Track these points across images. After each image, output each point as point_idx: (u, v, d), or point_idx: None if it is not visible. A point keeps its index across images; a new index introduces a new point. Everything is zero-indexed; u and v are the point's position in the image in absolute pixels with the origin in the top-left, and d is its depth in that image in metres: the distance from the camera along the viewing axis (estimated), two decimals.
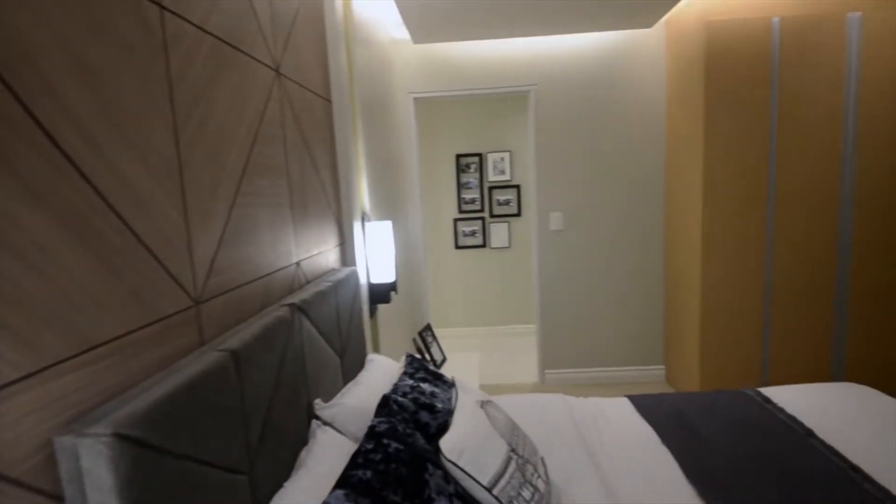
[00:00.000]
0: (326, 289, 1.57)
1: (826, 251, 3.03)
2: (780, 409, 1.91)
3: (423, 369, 1.68)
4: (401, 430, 1.26)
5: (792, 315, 3.08)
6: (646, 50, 3.45)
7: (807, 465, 1.55)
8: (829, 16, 2.85)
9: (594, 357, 3.77)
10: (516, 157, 4.77)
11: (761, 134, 2.94)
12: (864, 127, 2.92)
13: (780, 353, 3.10)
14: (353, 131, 2.06)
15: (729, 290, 3.07)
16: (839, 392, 2.07)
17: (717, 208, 3.00)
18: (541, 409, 2.00)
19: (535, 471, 1.34)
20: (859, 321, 3.07)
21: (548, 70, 3.47)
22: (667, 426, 1.83)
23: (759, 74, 2.89)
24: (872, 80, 2.88)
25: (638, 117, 3.52)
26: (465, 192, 4.82)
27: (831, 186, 2.98)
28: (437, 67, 3.50)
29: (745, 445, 1.67)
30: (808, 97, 2.91)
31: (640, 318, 3.72)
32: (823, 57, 2.88)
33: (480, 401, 1.49)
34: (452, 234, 4.88)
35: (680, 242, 3.36)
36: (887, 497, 1.38)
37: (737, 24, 2.84)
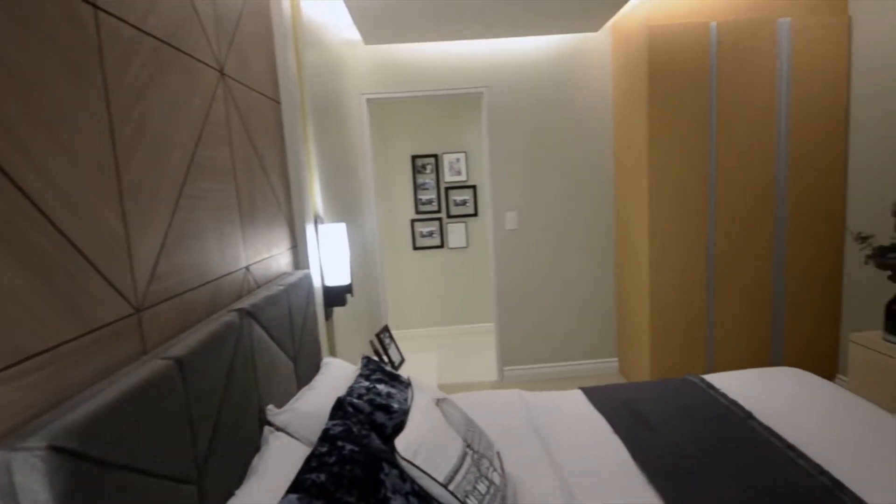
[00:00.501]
0: (278, 293, 1.55)
1: (764, 246, 3.19)
2: (723, 395, 2.01)
3: (379, 371, 1.68)
4: (356, 432, 1.26)
5: (734, 306, 3.23)
6: (593, 53, 3.55)
7: (749, 446, 1.64)
8: (761, 21, 3.01)
9: (551, 353, 3.86)
10: (472, 157, 4.82)
11: (702, 134, 3.07)
12: (795, 125, 3.10)
13: (724, 341, 3.26)
14: (303, 133, 2.04)
15: (676, 284, 3.19)
16: (776, 376, 2.19)
17: (662, 206, 3.12)
18: (497, 405, 2.03)
19: (491, 465, 1.36)
20: (795, 310, 3.25)
21: (499, 72, 3.53)
22: (618, 415, 1.89)
23: (699, 76, 3.02)
24: (802, 80, 3.06)
25: (587, 118, 3.62)
26: (421, 193, 4.83)
27: (767, 183, 3.14)
28: (389, 68, 3.49)
29: (690, 430, 1.75)
30: (744, 97, 3.06)
31: (593, 313, 3.83)
32: (757, 59, 3.03)
33: (436, 399, 1.50)
34: (410, 235, 4.89)
35: (629, 239, 3.47)
36: (821, 473, 1.48)
37: (677, 29, 2.96)
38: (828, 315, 3.28)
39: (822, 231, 3.20)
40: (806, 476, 1.46)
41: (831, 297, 3.26)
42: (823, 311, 3.27)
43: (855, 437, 1.66)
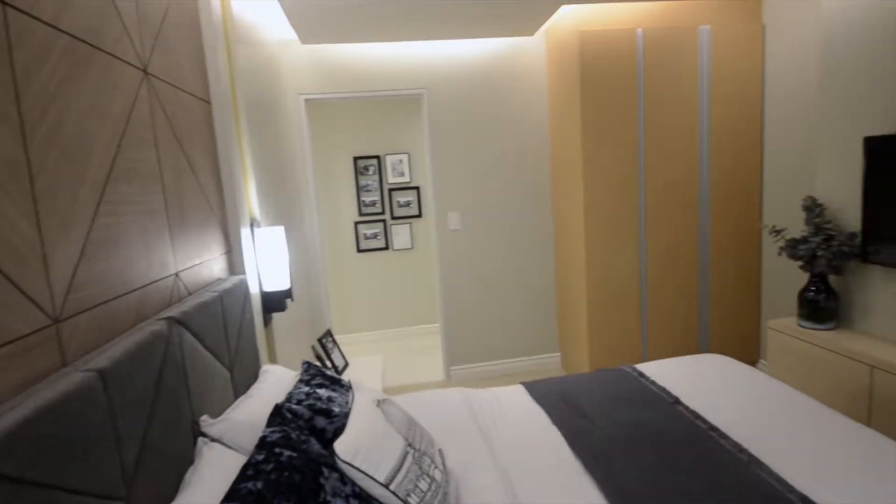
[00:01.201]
0: (211, 299, 1.51)
1: (689, 241, 3.39)
2: (653, 382, 2.12)
3: (320, 375, 1.67)
4: (294, 438, 1.25)
5: (664, 298, 3.41)
6: (529, 56, 3.65)
7: (674, 429, 1.74)
8: (684, 28, 3.19)
9: (497, 350, 3.93)
10: (415, 158, 4.83)
11: (631, 135, 3.22)
12: (715, 126, 3.30)
13: (657, 331, 3.43)
14: (237, 134, 1.99)
15: (611, 279, 3.33)
16: (702, 362, 2.33)
17: (596, 204, 3.25)
18: (441, 404, 2.06)
19: (433, 462, 1.38)
20: (719, 300, 3.47)
21: (439, 74, 3.56)
22: (556, 407, 1.96)
23: (627, 80, 3.17)
24: (721, 84, 3.27)
25: (525, 119, 3.72)
26: (364, 195, 4.79)
27: (691, 182, 3.33)
28: (328, 69, 3.46)
29: (622, 417, 1.84)
30: (669, 100, 3.23)
31: (536, 310, 3.93)
32: (681, 64, 3.21)
33: (377, 400, 1.50)
34: (354, 237, 4.84)
35: (567, 236, 3.59)
36: (740, 451, 1.59)
37: (606, 35, 3.09)
38: (749, 304, 3.51)
39: (741, 226, 3.43)
40: (727, 454, 1.57)
41: (751, 287, 3.50)
42: (745, 300, 3.50)
43: (770, 417, 1.79)
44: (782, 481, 1.40)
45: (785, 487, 1.37)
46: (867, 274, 2.56)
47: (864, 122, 2.49)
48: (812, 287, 2.69)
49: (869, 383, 2.31)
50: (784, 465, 1.49)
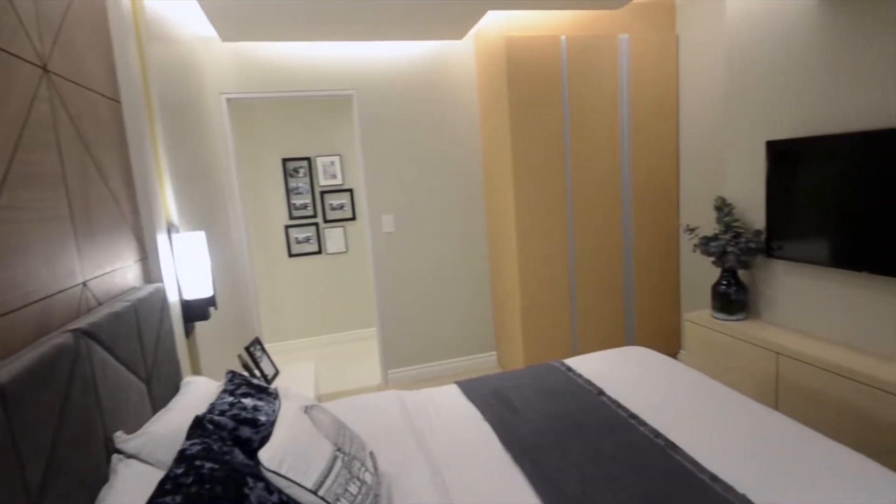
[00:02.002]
0: (123, 309, 1.43)
1: (614, 240, 3.55)
2: (579, 375, 2.21)
3: (245, 385, 1.62)
4: (217, 449, 1.21)
5: (592, 294, 3.55)
6: (459, 59, 3.70)
7: (599, 418, 1.82)
8: (604, 37, 3.34)
9: (434, 352, 3.95)
10: (347, 160, 4.77)
11: (558, 138, 3.34)
12: (635, 129, 3.48)
13: (586, 326, 3.57)
14: (151, 135, 1.89)
15: (542, 277, 3.44)
16: (624, 355, 2.45)
17: (526, 205, 3.34)
18: (374, 407, 2.05)
19: (363, 465, 1.37)
20: (642, 295, 3.66)
21: (369, 75, 3.54)
22: (488, 404, 2.00)
23: (553, 84, 3.28)
24: (639, 89, 3.45)
25: (456, 122, 3.76)
26: (295, 198, 4.68)
27: (614, 183, 3.49)
28: (252, 68, 3.35)
29: (551, 410, 1.90)
30: (592, 104, 3.37)
31: (472, 310, 3.98)
32: (602, 70, 3.36)
33: (305, 406, 1.48)
34: (284, 241, 4.72)
35: (500, 237, 3.67)
36: (657, 436, 1.68)
37: (532, 41, 3.19)
38: (669, 298, 3.72)
39: (661, 225, 3.63)
40: (646, 440, 1.66)
41: (671, 282, 3.71)
42: (665, 294, 3.71)
43: (685, 404, 1.91)
44: (695, 462, 1.50)
45: (697, 468, 1.47)
46: (772, 268, 2.79)
47: (766, 128, 2.71)
48: (723, 281, 2.89)
49: (775, 369, 2.51)
50: (696, 448, 1.59)
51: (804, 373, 2.35)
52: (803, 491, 1.35)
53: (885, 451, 2.02)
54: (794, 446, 1.56)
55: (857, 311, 2.33)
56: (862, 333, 2.32)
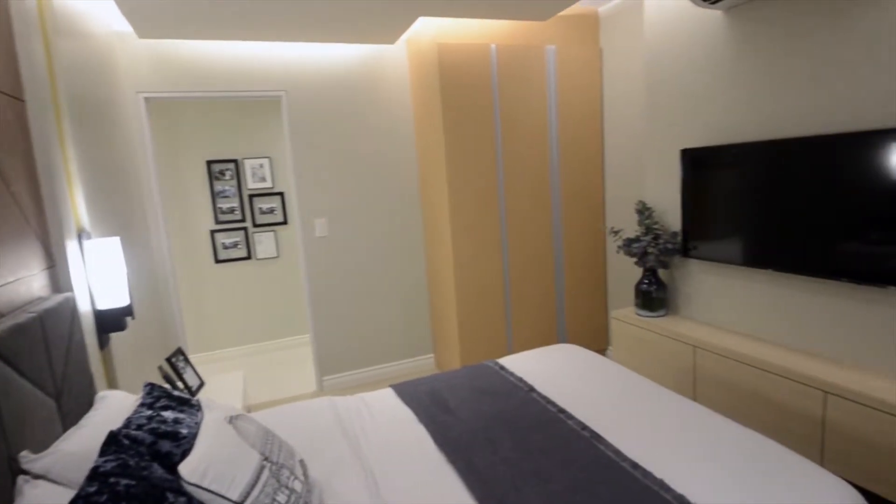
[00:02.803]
0: (27, 321, 1.33)
1: (545, 241, 3.66)
2: (512, 374, 2.26)
3: (165, 397, 1.54)
4: (133, 465, 1.14)
5: (526, 295, 3.65)
6: (393, 64, 3.70)
7: (530, 415, 1.87)
8: (532, 46, 3.45)
9: (371, 356, 3.91)
10: (277, 163, 4.65)
11: (490, 142, 3.41)
12: (563, 136, 3.61)
13: (520, 326, 3.66)
14: (59, 135, 1.77)
15: (477, 279, 3.49)
16: (554, 352, 2.53)
17: (461, 208, 3.39)
18: (306, 415, 2.01)
19: (292, 473, 1.34)
20: (573, 294, 3.79)
21: (299, 76, 3.47)
22: (422, 405, 2.01)
23: (484, 91, 3.35)
24: (566, 98, 3.58)
25: (391, 124, 3.76)
26: (221, 202, 4.50)
27: (544, 186, 3.61)
28: (173, 66, 3.20)
29: (484, 408, 1.94)
30: (522, 112, 3.47)
31: (410, 313, 3.98)
32: (531, 78, 3.47)
33: (230, 416, 1.43)
34: (211, 247, 4.52)
35: (436, 240, 3.69)
36: (583, 428, 1.76)
37: (463, 48, 3.24)
38: (597, 297, 3.89)
39: (588, 227, 3.79)
40: (573, 433, 1.72)
41: (599, 281, 3.88)
42: (594, 294, 3.87)
43: (610, 397, 2.00)
44: (617, 451, 1.58)
45: (619, 457, 1.55)
46: (688, 267, 2.97)
47: (681, 136, 2.90)
48: (645, 280, 3.06)
49: (693, 361, 2.67)
50: (619, 438, 1.68)
51: (718, 364, 2.52)
52: (715, 473, 1.45)
53: (790, 434, 2.20)
54: (707, 433, 1.67)
55: (763, 306, 2.54)
56: (768, 326, 2.52)
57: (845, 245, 2.07)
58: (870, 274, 1.99)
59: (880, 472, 1.87)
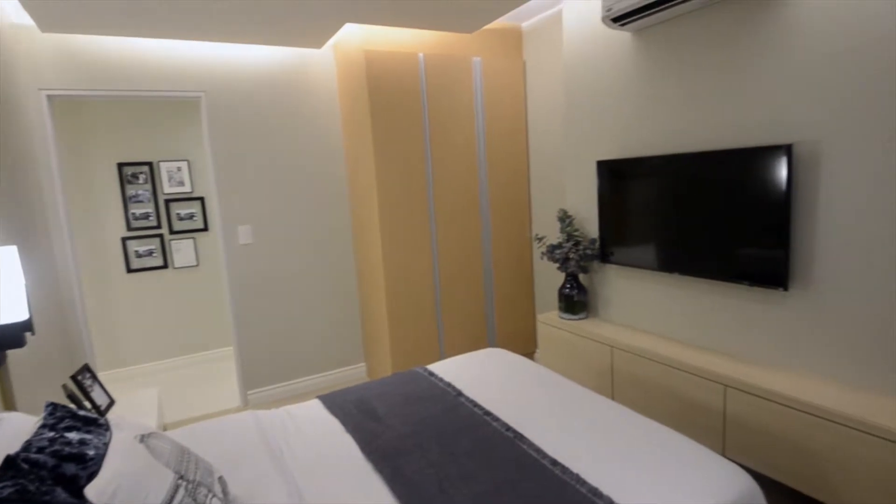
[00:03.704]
0: None
1: (474, 248, 3.74)
2: (441, 379, 2.29)
3: (70, 417, 1.43)
4: (34, 490, 1.06)
5: (456, 301, 3.70)
6: (320, 67, 3.65)
7: (457, 419, 1.91)
8: (460, 57, 3.52)
9: (300, 368, 3.80)
10: (196, 166, 4.44)
11: (419, 150, 3.44)
12: (490, 145, 3.71)
13: (451, 331, 3.70)
14: None
15: (408, 287, 3.50)
16: (482, 357, 2.59)
17: (391, 216, 3.39)
18: (226, 430, 1.94)
19: (210, 491, 1.29)
20: (502, 299, 3.89)
21: (220, 77, 3.35)
22: (350, 415, 1.99)
23: (413, 99, 3.37)
24: (493, 109, 3.69)
25: (318, 130, 3.70)
26: (134, 207, 4.23)
27: (473, 194, 3.69)
28: (80, 62, 2.99)
29: (413, 415, 1.95)
30: (450, 121, 3.53)
31: (340, 322, 3.91)
32: (458, 88, 3.54)
33: (141, 435, 1.35)
34: (122, 255, 4.24)
35: (365, 247, 3.67)
36: (507, 429, 1.81)
37: (391, 56, 3.26)
38: (525, 301, 4.01)
39: (516, 234, 3.91)
40: (498, 434, 1.77)
41: (527, 286, 4.00)
42: (522, 298, 3.99)
43: (533, 398, 2.08)
44: (539, 450, 1.64)
45: (540, 454, 1.61)
46: (606, 272, 3.14)
47: (596, 148, 3.06)
48: (567, 285, 3.19)
49: (610, 361, 2.82)
50: (540, 437, 1.74)
51: (633, 363, 2.67)
52: (625, 465, 1.55)
53: (696, 426, 2.37)
54: (620, 429, 1.77)
55: (672, 308, 2.72)
56: (677, 327, 2.71)
57: (740, 250, 2.27)
58: (762, 276, 2.20)
59: (775, 459, 2.06)
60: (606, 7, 2.50)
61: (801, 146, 2.06)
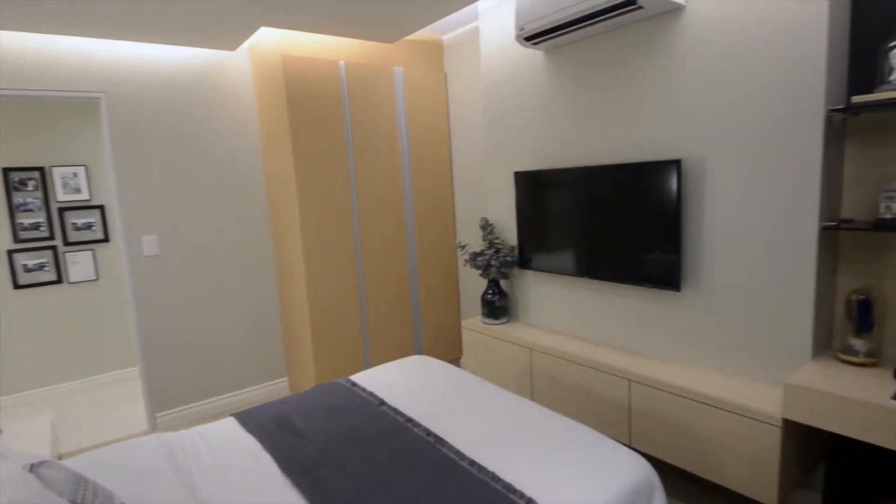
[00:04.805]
0: None
1: (400, 256, 3.74)
2: (363, 389, 2.27)
3: None
4: None
5: (382, 309, 3.68)
6: (234, 71, 3.52)
7: (379, 427, 1.90)
8: (382, 66, 3.53)
9: (215, 386, 3.61)
10: (95, 172, 4.12)
11: (342, 159, 3.40)
12: (414, 155, 3.74)
13: (377, 341, 3.67)
14: None
15: (332, 297, 3.43)
16: (405, 364, 2.60)
17: (313, 224, 3.31)
18: (130, 455, 1.81)
19: None
20: (428, 306, 3.92)
21: (123, 77, 3.14)
22: (267, 431, 1.93)
23: (335, 107, 3.33)
24: (416, 119, 3.72)
25: (234, 134, 3.56)
26: (22, 216, 3.85)
27: (398, 202, 3.70)
28: None
29: (334, 427, 1.92)
30: (373, 129, 3.52)
31: (259, 335, 3.76)
32: (381, 97, 3.54)
33: (30, 464, 1.24)
34: (8, 270, 3.84)
35: (286, 257, 3.57)
36: (428, 434, 1.83)
37: (310, 62, 3.21)
38: (451, 308, 4.06)
39: (441, 242, 3.96)
40: (419, 440, 1.79)
41: (452, 293, 4.06)
42: (448, 305, 4.04)
43: (454, 402, 2.11)
44: (458, 452, 1.68)
45: (459, 456, 1.65)
46: (525, 277, 3.25)
47: (514, 160, 3.18)
48: (489, 290, 3.28)
49: (529, 363, 2.92)
50: (460, 440, 1.78)
51: (549, 364, 2.79)
52: (539, 461, 1.63)
53: (605, 420, 2.51)
54: (535, 426, 1.85)
55: (585, 310, 2.87)
56: (589, 327, 2.86)
57: (641, 255, 2.44)
58: (659, 279, 2.38)
59: (672, 445, 2.23)
60: (519, 26, 2.62)
61: (689, 161, 2.27)
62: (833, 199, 1.97)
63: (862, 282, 1.98)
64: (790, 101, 1.92)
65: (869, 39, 1.86)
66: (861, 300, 1.89)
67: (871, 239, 1.93)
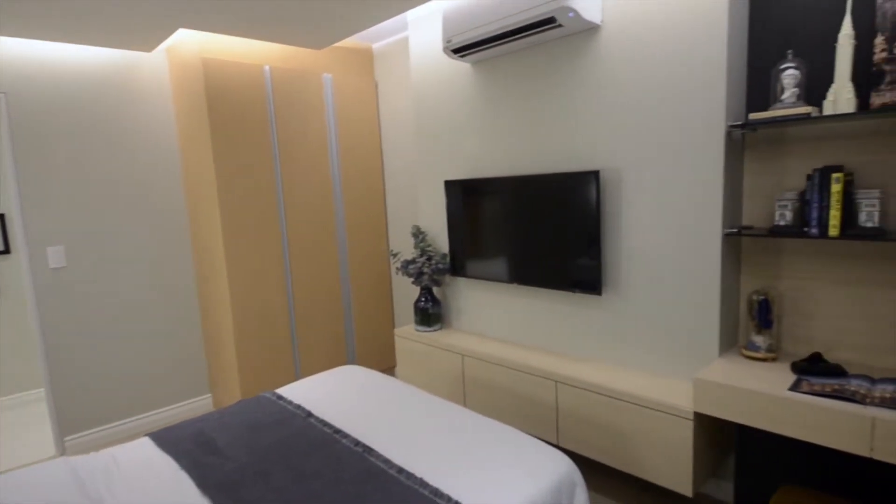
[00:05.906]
0: None
1: (331, 265, 3.68)
2: (290, 402, 2.21)
3: None
4: None
5: (313, 320, 3.60)
6: (150, 73, 3.35)
7: (306, 440, 1.86)
8: (309, 73, 3.47)
9: (132, 406, 3.39)
10: None
11: (268, 167, 3.31)
12: (344, 163, 3.70)
13: (308, 352, 3.59)
14: None
15: (258, 307, 3.32)
16: (335, 375, 2.55)
17: (236, 233, 3.19)
18: (32, 483, 1.67)
19: None
20: (361, 316, 3.88)
21: (26, 76, 2.91)
22: (185, 450, 1.84)
23: (259, 113, 3.25)
24: (346, 126, 3.69)
25: (150, 139, 3.38)
26: None
27: (328, 211, 3.64)
28: None
29: (257, 442, 1.86)
30: (301, 136, 3.46)
31: (179, 350, 3.57)
32: (309, 104, 3.48)
33: None
34: None
35: (209, 269, 3.42)
36: (356, 444, 1.81)
37: (233, 66, 3.11)
38: (384, 317, 4.03)
39: (373, 250, 3.93)
40: (347, 451, 1.76)
41: (385, 302, 4.03)
42: (381, 314, 4.01)
43: (385, 412, 2.10)
44: (387, 461, 1.67)
45: (388, 465, 1.64)
46: (457, 284, 3.28)
47: (444, 169, 3.22)
48: (422, 298, 3.29)
49: (462, 369, 2.95)
50: (389, 448, 1.77)
51: (481, 369, 2.83)
52: (466, 464, 1.65)
53: (535, 421, 2.58)
54: (463, 431, 1.87)
55: (514, 315, 2.94)
56: (519, 331, 2.93)
57: (566, 262, 2.54)
58: (583, 284, 2.48)
59: (598, 442, 2.32)
60: (446, 38, 2.67)
61: (607, 173, 2.39)
62: (735, 208, 2.13)
63: (762, 283, 2.15)
64: (695, 116, 2.07)
65: (764, 61, 2.04)
66: (761, 300, 2.05)
67: (769, 244, 2.10)
